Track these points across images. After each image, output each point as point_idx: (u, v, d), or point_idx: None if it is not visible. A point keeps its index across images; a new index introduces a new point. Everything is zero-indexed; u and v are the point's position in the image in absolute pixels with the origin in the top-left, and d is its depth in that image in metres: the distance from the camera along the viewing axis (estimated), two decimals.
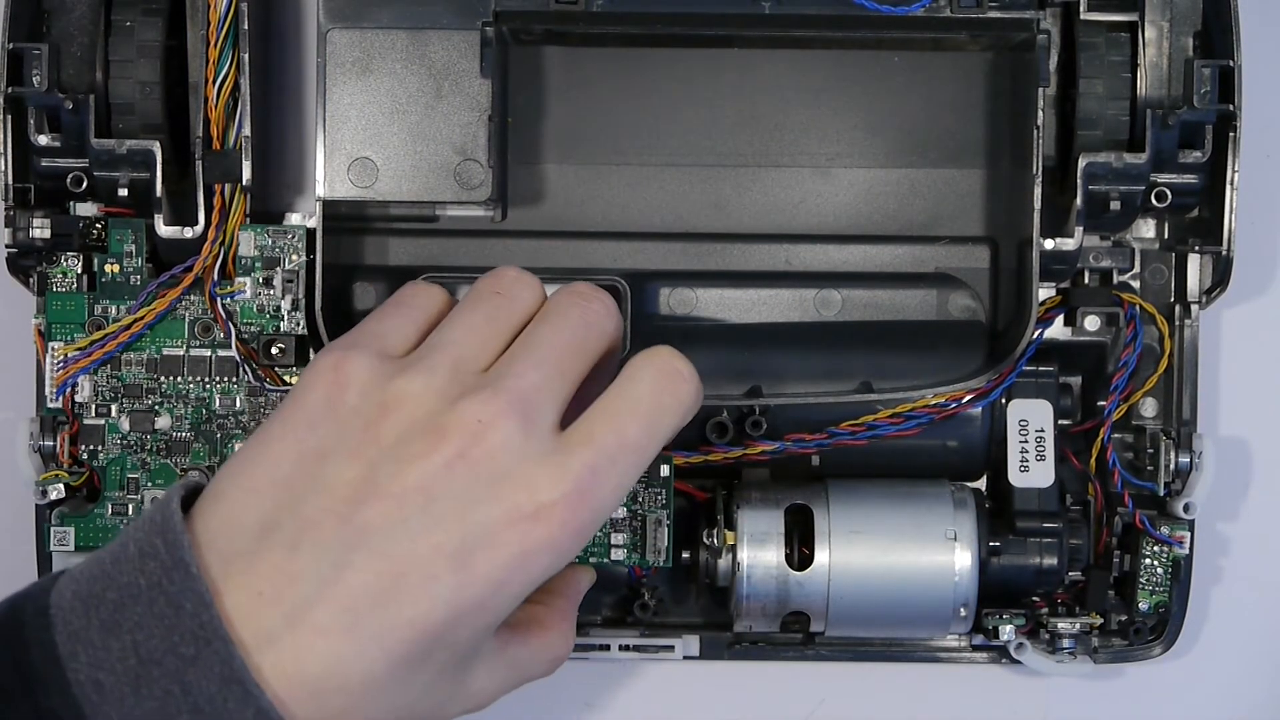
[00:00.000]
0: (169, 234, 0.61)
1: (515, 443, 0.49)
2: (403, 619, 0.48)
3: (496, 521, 0.48)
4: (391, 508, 0.48)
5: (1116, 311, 0.63)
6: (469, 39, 0.61)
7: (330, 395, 0.50)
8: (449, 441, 0.49)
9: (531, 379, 0.50)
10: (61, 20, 0.61)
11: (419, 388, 0.50)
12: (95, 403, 0.62)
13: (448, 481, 0.48)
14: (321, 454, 0.49)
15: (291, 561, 0.48)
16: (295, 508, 0.49)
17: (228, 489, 0.50)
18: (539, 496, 0.49)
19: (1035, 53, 0.60)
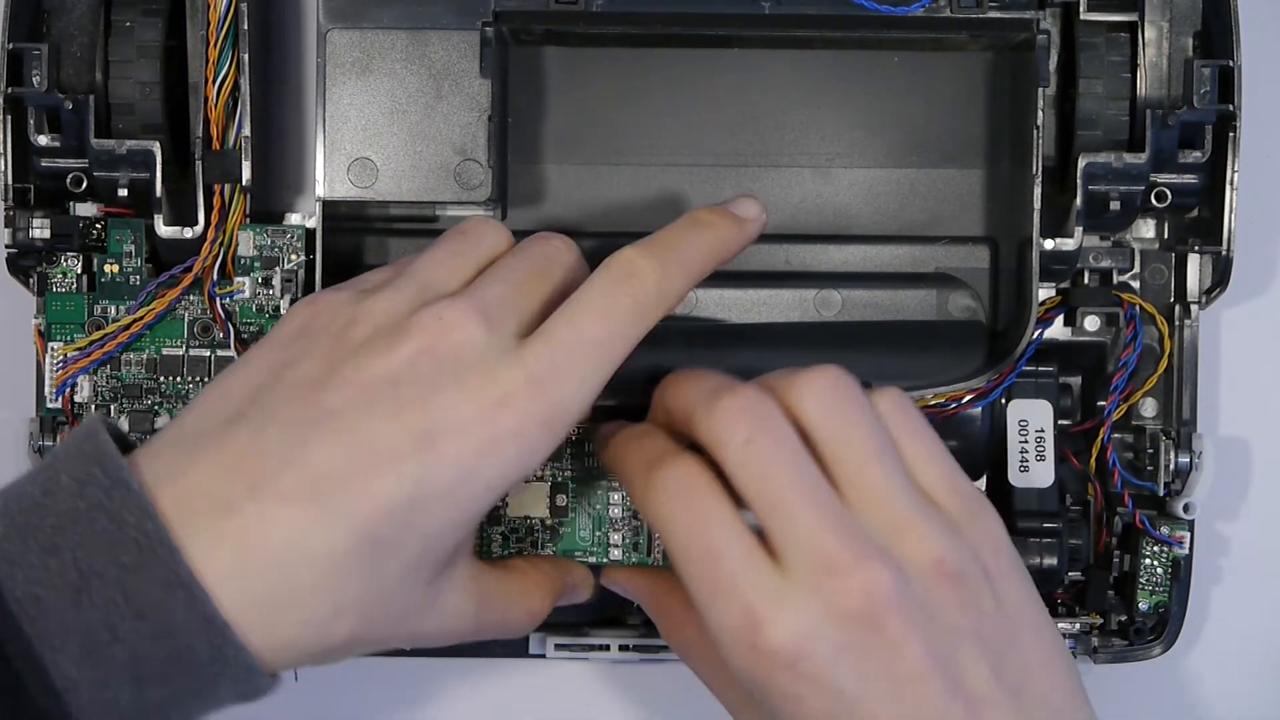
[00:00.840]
0: (169, 234, 0.61)
1: (477, 338, 0.50)
2: (369, 493, 0.48)
3: (461, 406, 0.49)
4: (355, 393, 0.49)
5: (1116, 311, 0.63)
6: (469, 39, 0.61)
7: (304, 321, 0.52)
8: (412, 337, 0.50)
9: (493, 291, 0.52)
10: (61, 20, 0.61)
11: (385, 303, 0.51)
12: (95, 403, 0.62)
13: (411, 371, 0.49)
14: (289, 362, 0.51)
15: (257, 440, 0.48)
16: (259, 400, 0.50)
17: (199, 399, 0.51)
18: (503, 385, 0.49)
19: (1035, 53, 0.60)
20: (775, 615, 0.49)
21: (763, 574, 0.49)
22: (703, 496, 0.51)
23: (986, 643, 0.50)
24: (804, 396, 0.51)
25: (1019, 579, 0.52)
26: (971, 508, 0.52)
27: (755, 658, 0.49)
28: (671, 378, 0.55)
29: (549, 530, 0.60)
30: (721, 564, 0.50)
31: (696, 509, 0.51)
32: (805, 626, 0.49)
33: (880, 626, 0.49)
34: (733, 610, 0.49)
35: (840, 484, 0.51)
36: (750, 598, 0.49)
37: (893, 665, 0.49)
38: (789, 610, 0.49)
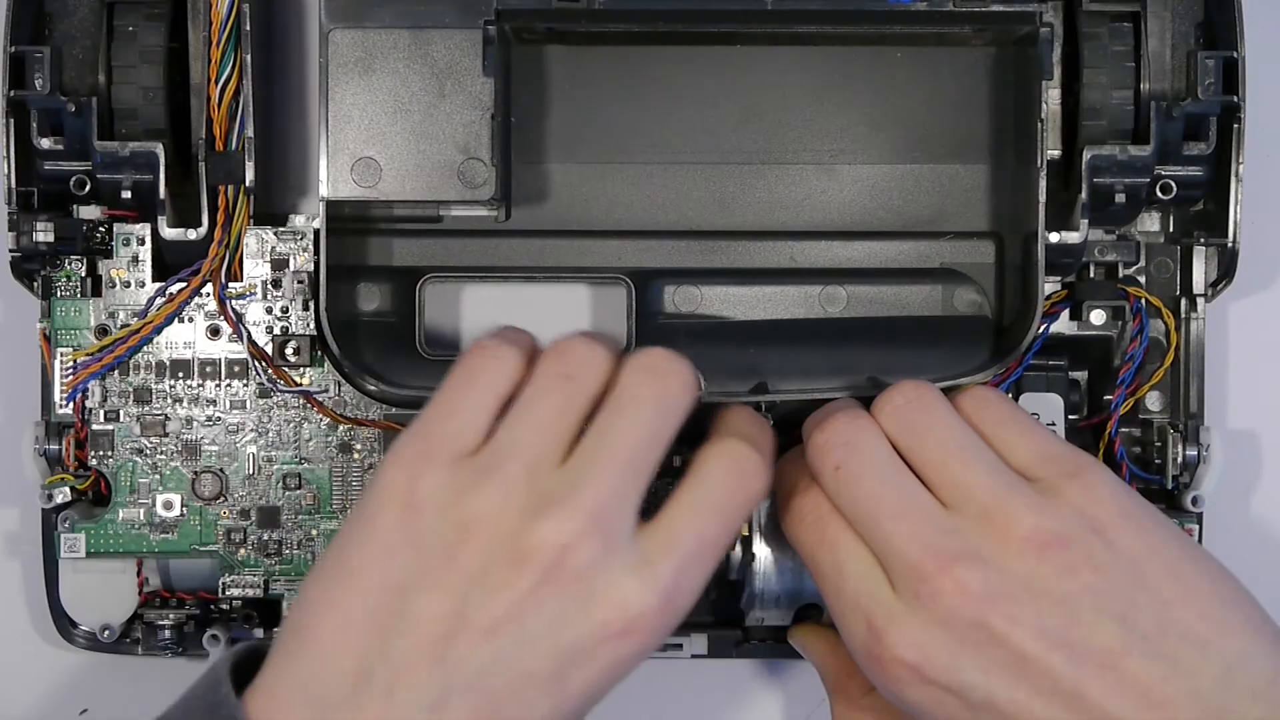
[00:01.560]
0: (173, 236, 0.61)
1: (599, 560, 0.49)
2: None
3: (588, 640, 0.49)
4: (483, 642, 0.48)
5: (1122, 305, 0.63)
6: (471, 38, 0.61)
7: (405, 519, 0.50)
8: (533, 566, 0.49)
9: (608, 485, 0.50)
10: (63, 23, 0.61)
11: (496, 506, 0.49)
12: (105, 408, 0.62)
13: (536, 607, 0.49)
14: (404, 588, 0.49)
15: (390, 708, 0.48)
16: (386, 651, 0.48)
17: (315, 630, 0.49)
18: (629, 611, 0.49)
19: (1038, 46, 0.60)
20: (890, 629, 0.52)
21: (879, 591, 0.52)
22: (826, 522, 0.54)
23: (1107, 596, 0.51)
24: (883, 414, 0.55)
25: (1137, 522, 0.52)
26: (1068, 469, 0.53)
27: (884, 670, 0.52)
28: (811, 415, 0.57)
29: None
30: (844, 585, 0.53)
31: (823, 534, 0.54)
32: (917, 636, 0.51)
33: (983, 623, 0.50)
34: (859, 627, 0.53)
35: (935, 489, 0.53)
36: (870, 615, 0.52)
37: (1007, 655, 0.50)
38: (901, 623, 0.52)
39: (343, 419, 0.62)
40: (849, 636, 0.54)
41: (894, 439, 0.54)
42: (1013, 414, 0.55)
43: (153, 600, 0.64)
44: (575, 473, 0.50)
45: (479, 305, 0.65)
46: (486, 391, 0.52)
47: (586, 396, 0.52)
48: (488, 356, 0.52)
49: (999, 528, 0.52)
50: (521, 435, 0.51)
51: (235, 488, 0.63)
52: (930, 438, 0.54)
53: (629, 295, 0.64)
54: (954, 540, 0.52)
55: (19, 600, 0.67)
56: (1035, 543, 0.51)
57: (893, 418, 0.55)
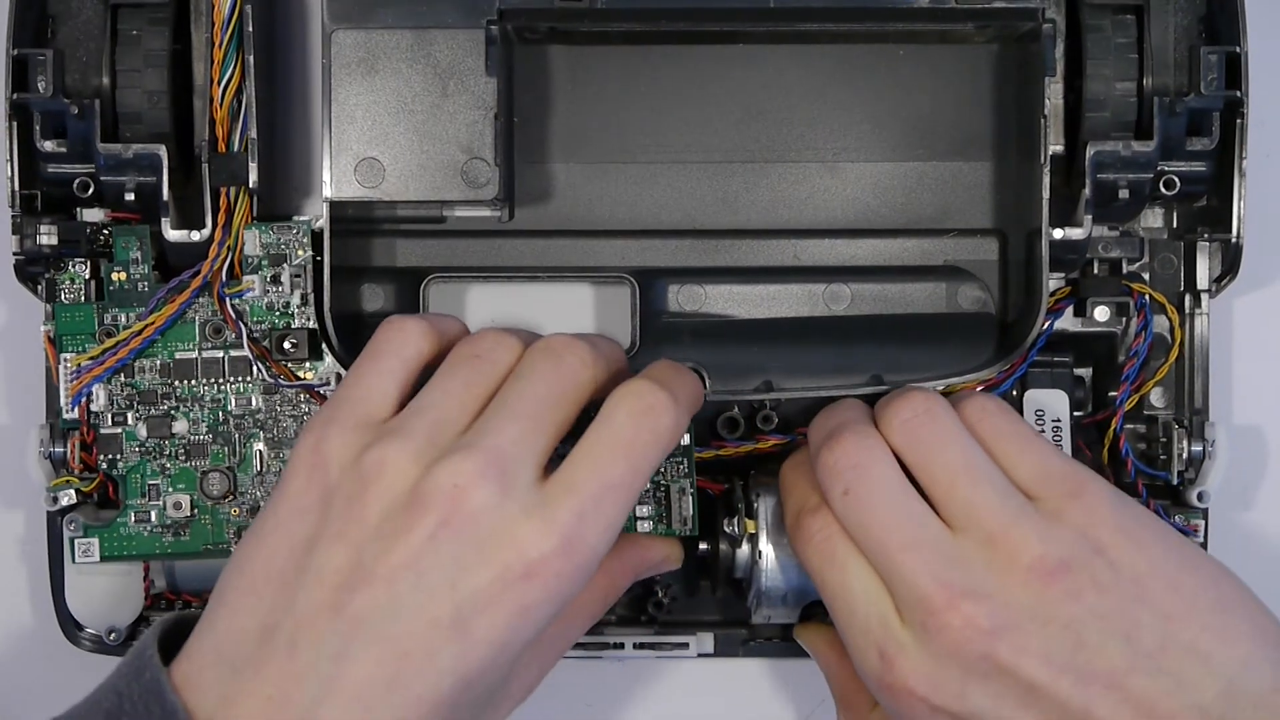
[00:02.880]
0: (176, 238, 0.61)
1: (495, 502, 0.49)
2: (412, 697, 0.48)
3: (489, 584, 0.49)
4: (381, 591, 0.49)
5: (1126, 301, 0.63)
6: (474, 38, 0.61)
7: (311, 477, 0.51)
8: (430, 511, 0.49)
9: (506, 434, 0.51)
10: (66, 25, 0.61)
11: (394, 454, 0.50)
12: (111, 411, 0.62)
13: (434, 553, 0.49)
14: (310, 541, 0.50)
15: (293, 661, 0.49)
16: (290, 605, 0.49)
17: (229, 593, 0.51)
18: (528, 553, 0.49)
19: (1041, 43, 0.60)
20: (901, 659, 0.53)
21: (888, 619, 0.53)
22: (838, 544, 0.54)
23: (1111, 617, 0.51)
24: (891, 428, 0.55)
25: (1137, 540, 0.53)
26: (1069, 488, 0.53)
27: (894, 696, 0.53)
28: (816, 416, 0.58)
29: None
30: (855, 607, 0.54)
31: (833, 555, 0.54)
32: (926, 667, 0.52)
33: (990, 654, 0.51)
34: (870, 654, 0.53)
35: (939, 506, 0.54)
36: (881, 642, 0.53)
37: (1016, 683, 0.51)
38: (911, 653, 0.52)
39: None
40: (860, 660, 0.54)
41: (901, 453, 0.55)
42: (1012, 427, 0.55)
43: (159, 602, 0.64)
44: (475, 429, 0.51)
45: (483, 305, 0.65)
46: (391, 359, 0.53)
47: (493, 373, 0.53)
48: (393, 329, 0.54)
49: (1004, 555, 0.52)
50: (426, 400, 0.52)
51: (244, 485, 0.63)
52: (938, 456, 0.54)
53: (633, 294, 0.64)
54: (961, 573, 0.52)
55: (25, 603, 0.67)
56: (1040, 571, 0.52)
57: (900, 432, 0.55)
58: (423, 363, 0.54)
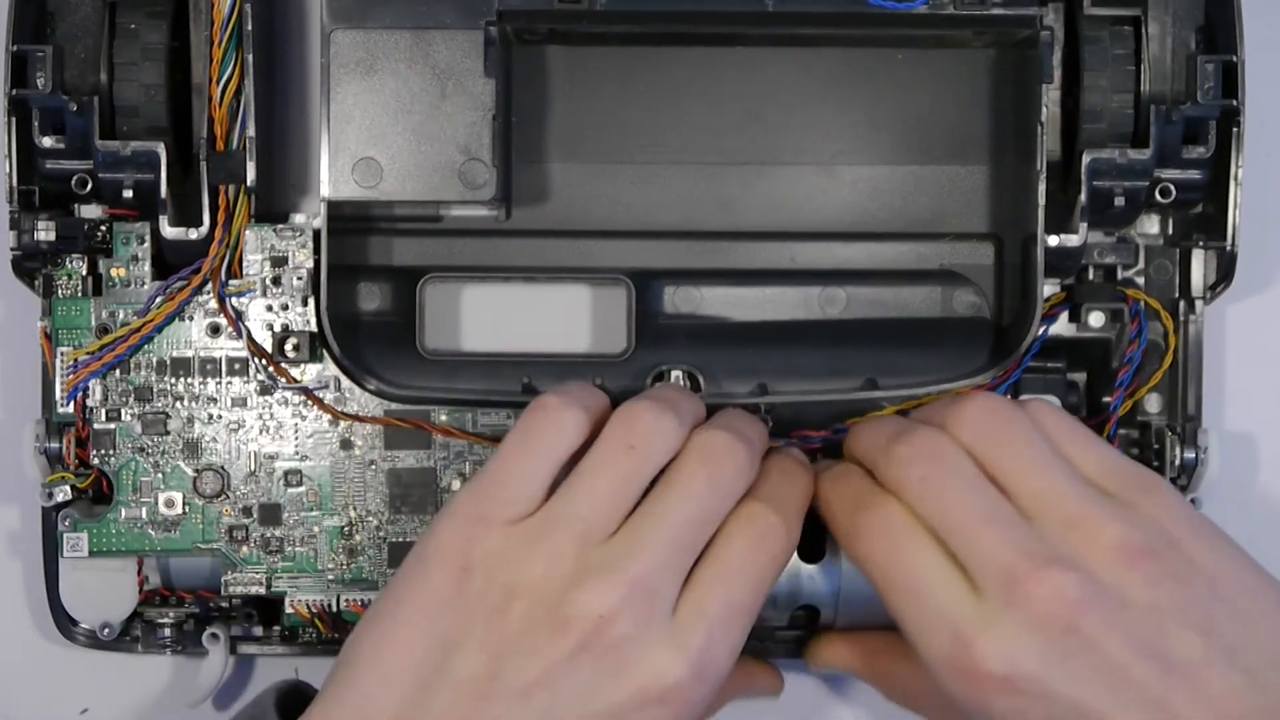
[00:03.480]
0: (174, 235, 0.61)
1: (636, 631, 0.50)
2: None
3: (622, 708, 0.50)
4: (515, 704, 0.50)
5: (1121, 307, 0.63)
6: (472, 39, 0.61)
7: (456, 579, 0.52)
8: (570, 634, 0.50)
9: (653, 559, 0.51)
10: (65, 22, 0.61)
11: (541, 574, 0.51)
12: (106, 407, 0.62)
13: (570, 673, 0.50)
14: (448, 645, 0.51)
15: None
16: (424, 704, 0.50)
17: (363, 675, 0.51)
18: (664, 679, 0.50)
19: (1039, 49, 0.60)
20: (979, 638, 0.51)
21: (964, 601, 0.52)
22: (904, 535, 0.53)
23: (1190, 610, 0.51)
24: (961, 427, 0.54)
25: (1208, 539, 0.53)
26: (1144, 484, 0.53)
27: (969, 682, 0.51)
28: (854, 429, 0.58)
29: None
30: (925, 597, 0.52)
31: (898, 547, 0.53)
32: (1008, 643, 0.50)
33: (1076, 628, 0.50)
34: (942, 640, 0.52)
35: (1014, 499, 0.53)
36: (955, 625, 0.51)
37: (1099, 661, 0.50)
38: (991, 631, 0.51)
39: (343, 415, 0.63)
40: (928, 649, 0.52)
41: (970, 450, 0.54)
42: (1075, 428, 0.55)
43: (153, 598, 0.64)
44: (622, 546, 0.51)
45: (479, 305, 0.65)
46: (544, 458, 0.53)
47: (647, 470, 0.53)
48: (550, 420, 0.54)
49: (1085, 536, 0.51)
50: (575, 506, 0.52)
51: (237, 485, 0.63)
52: (1009, 450, 0.54)
53: (629, 296, 0.64)
54: (1044, 545, 0.51)
55: (19, 598, 0.67)
56: (1123, 552, 0.51)
57: (969, 429, 0.54)
58: (574, 452, 0.54)
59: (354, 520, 0.63)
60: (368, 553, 0.63)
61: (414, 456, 0.63)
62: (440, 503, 0.63)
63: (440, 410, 0.63)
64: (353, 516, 0.63)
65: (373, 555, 0.63)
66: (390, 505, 0.63)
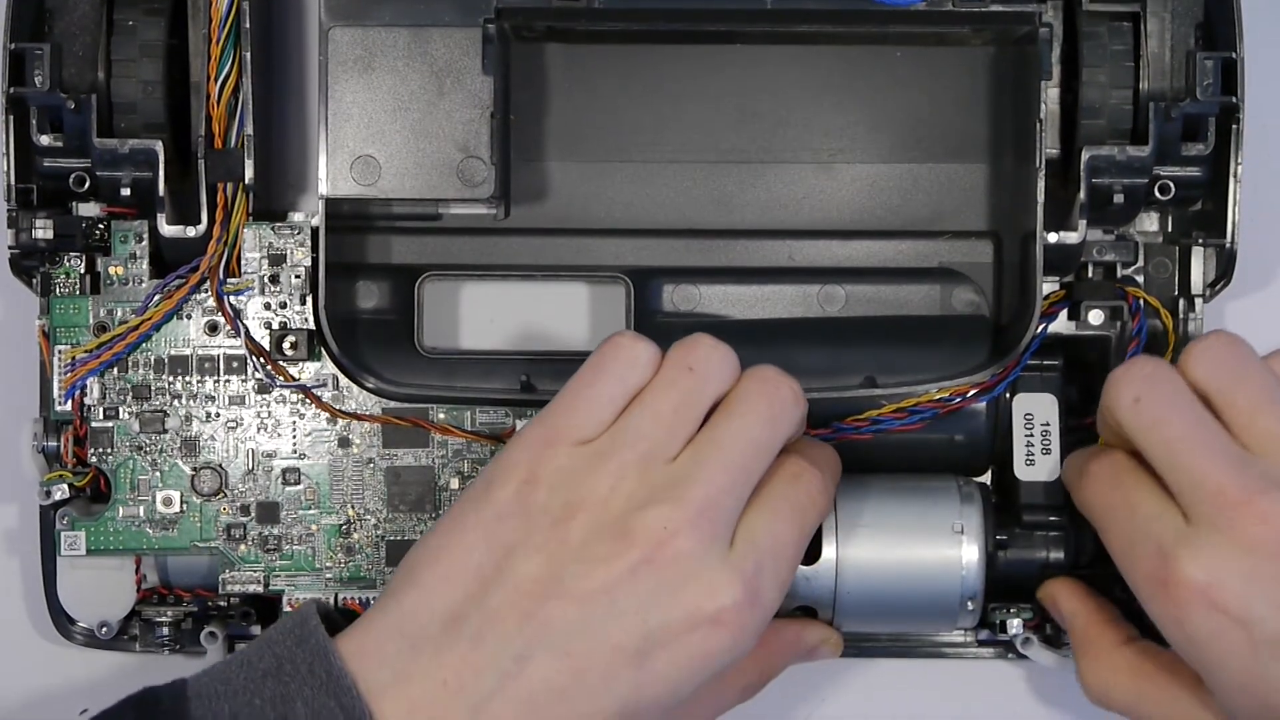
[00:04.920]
0: (172, 233, 0.61)
1: (698, 550, 0.51)
2: (578, 713, 0.50)
3: (677, 624, 0.51)
4: (574, 607, 0.50)
5: (1120, 305, 0.63)
6: (471, 36, 0.61)
7: (521, 491, 0.52)
8: (634, 546, 0.51)
9: (717, 484, 0.52)
10: (63, 20, 0.61)
11: (606, 490, 0.52)
12: (104, 405, 0.62)
13: (631, 585, 0.51)
14: (510, 548, 0.52)
15: (475, 652, 0.50)
16: (482, 600, 0.51)
17: (421, 574, 0.52)
18: (720, 600, 0.51)
19: (1037, 46, 0.60)
20: (1183, 552, 0.52)
21: (1173, 519, 0.53)
22: (1122, 472, 0.55)
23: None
24: (1194, 358, 0.55)
25: None
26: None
27: (1169, 596, 0.52)
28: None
29: None
30: (1135, 518, 0.54)
31: (1116, 481, 0.55)
32: (1212, 561, 0.51)
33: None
34: (1148, 553, 0.53)
35: (1237, 432, 0.53)
36: (1161, 540, 0.52)
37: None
38: (1195, 547, 0.52)
39: (341, 414, 0.63)
40: (1133, 568, 0.54)
41: (1203, 383, 0.54)
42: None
43: (150, 597, 0.64)
44: (686, 468, 0.52)
45: (478, 303, 0.65)
46: (615, 385, 0.54)
47: (708, 392, 0.54)
48: (622, 352, 0.54)
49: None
50: (640, 426, 0.53)
51: (235, 483, 0.63)
52: (1244, 386, 0.54)
53: (628, 294, 0.64)
54: (1260, 474, 0.52)
55: (17, 597, 0.67)
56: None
57: (1205, 362, 0.54)
58: (642, 387, 0.54)
59: (352, 519, 0.63)
60: (366, 551, 0.63)
61: (412, 455, 0.63)
62: (439, 501, 0.63)
63: (438, 408, 0.63)
64: (351, 515, 0.63)
65: (371, 554, 0.63)
66: (388, 504, 0.63)
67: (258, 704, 0.50)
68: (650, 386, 0.54)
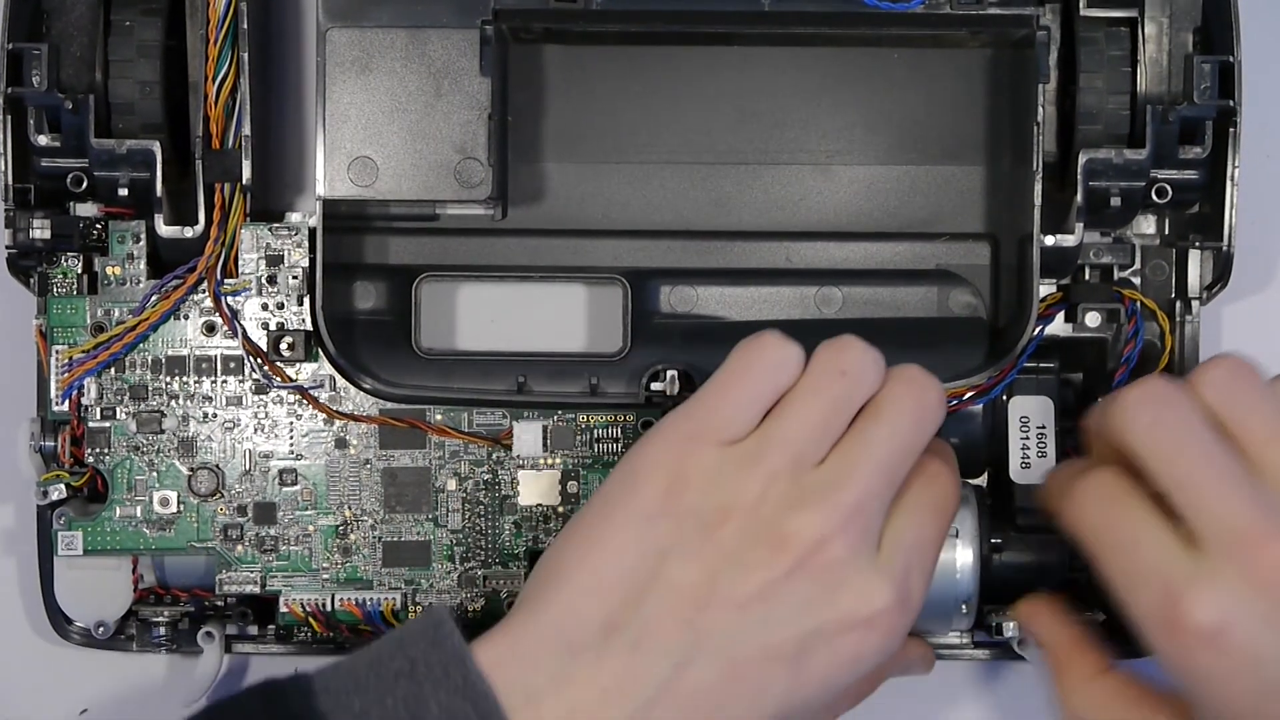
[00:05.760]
0: (169, 234, 0.61)
1: (849, 555, 0.51)
2: (733, 718, 0.50)
3: (832, 627, 0.51)
4: (732, 614, 0.50)
5: (1117, 308, 0.63)
6: (468, 37, 0.61)
7: (669, 490, 0.52)
8: (788, 552, 0.51)
9: (866, 488, 0.52)
10: (61, 20, 0.61)
11: (757, 494, 0.51)
12: (101, 405, 0.62)
13: (787, 590, 0.51)
14: (662, 552, 0.51)
15: (634, 660, 0.50)
16: (638, 607, 0.51)
17: (574, 577, 0.51)
18: (874, 603, 0.51)
19: (1035, 49, 0.60)
20: (1193, 592, 0.50)
21: (1179, 556, 0.51)
22: (1118, 495, 0.53)
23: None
24: (1205, 383, 0.53)
25: None
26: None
27: (1177, 638, 0.50)
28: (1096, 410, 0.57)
29: (561, 518, 0.62)
30: (1139, 551, 0.52)
31: (1112, 506, 0.53)
32: (1224, 601, 0.50)
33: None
34: (1153, 593, 0.51)
35: (1253, 463, 0.52)
36: (1168, 578, 0.50)
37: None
38: (1207, 586, 0.50)
39: (338, 414, 0.63)
40: (1139, 606, 0.52)
41: (1215, 408, 0.53)
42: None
43: (147, 597, 0.64)
44: (836, 472, 0.52)
45: (475, 304, 0.65)
46: (762, 385, 0.53)
47: (857, 398, 0.53)
48: (770, 352, 0.54)
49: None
50: (790, 429, 0.52)
51: (232, 484, 0.63)
52: (1256, 414, 0.52)
53: (625, 295, 0.64)
54: (1276, 510, 0.50)
55: (14, 597, 0.67)
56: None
57: (1215, 388, 0.53)
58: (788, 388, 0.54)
59: (349, 519, 0.63)
60: (362, 552, 0.63)
61: (409, 456, 0.63)
62: (435, 502, 0.63)
63: (435, 409, 0.63)
64: (348, 515, 0.63)
65: (367, 554, 0.63)
66: (385, 504, 0.63)
67: (389, 703, 0.49)
68: (801, 389, 0.53)
